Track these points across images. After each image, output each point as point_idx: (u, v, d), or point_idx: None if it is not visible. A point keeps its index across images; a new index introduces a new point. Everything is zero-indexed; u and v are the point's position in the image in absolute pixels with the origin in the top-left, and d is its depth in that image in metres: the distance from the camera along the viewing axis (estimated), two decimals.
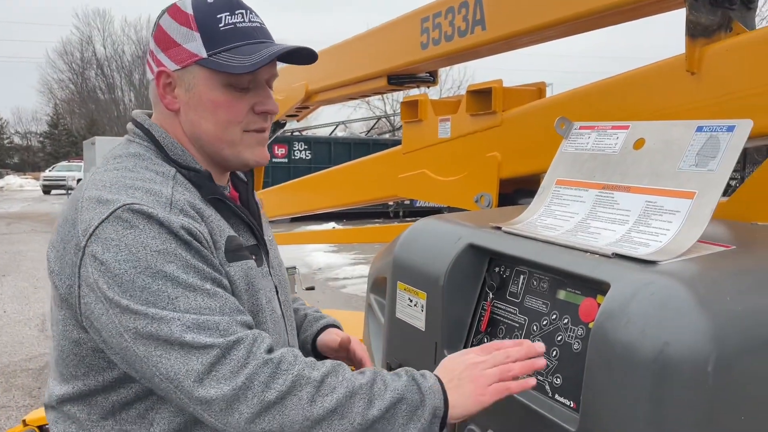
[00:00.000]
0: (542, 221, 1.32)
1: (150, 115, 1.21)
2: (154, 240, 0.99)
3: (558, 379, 1.10)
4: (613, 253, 1.05)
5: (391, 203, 11.57)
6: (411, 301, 1.43)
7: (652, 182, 1.17)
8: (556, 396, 1.10)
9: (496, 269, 1.32)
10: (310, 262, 8.61)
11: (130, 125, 1.20)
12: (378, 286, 1.76)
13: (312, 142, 13.98)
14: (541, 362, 1.04)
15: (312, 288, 4.60)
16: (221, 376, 0.96)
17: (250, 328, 1.04)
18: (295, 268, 4.54)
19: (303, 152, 13.70)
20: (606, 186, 1.25)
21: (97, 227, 1.00)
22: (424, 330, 1.38)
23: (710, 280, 0.94)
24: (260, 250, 1.21)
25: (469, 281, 1.34)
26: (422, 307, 1.39)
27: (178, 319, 0.97)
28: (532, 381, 1.03)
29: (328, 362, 1.04)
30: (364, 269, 8.39)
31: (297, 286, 4.56)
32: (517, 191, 2.04)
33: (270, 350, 1.02)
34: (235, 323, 1.01)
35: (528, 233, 1.26)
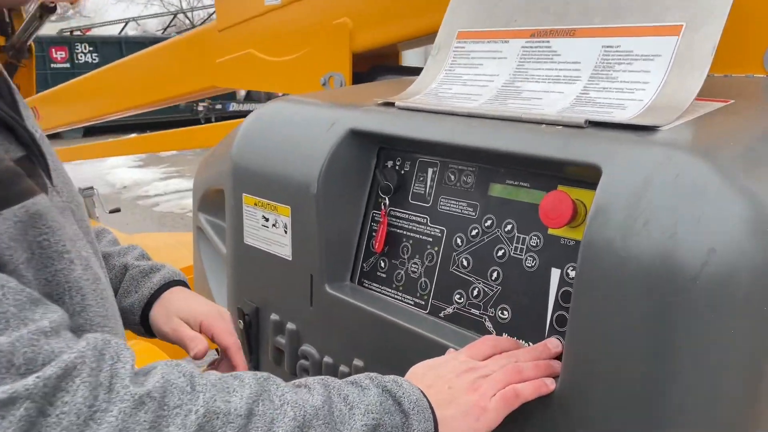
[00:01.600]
0: (447, 90, 0.94)
1: None
2: None
3: (504, 312, 0.77)
4: (586, 121, 0.70)
5: (200, 108, 10.49)
6: (267, 220, 1.00)
7: (607, 19, 0.82)
8: (505, 336, 0.76)
9: (390, 163, 0.93)
10: (113, 180, 7.54)
11: None
12: (209, 202, 1.29)
13: (99, 43, 12.08)
14: (558, 365, 0.67)
15: (117, 210, 3.90)
16: None
17: (71, 330, 0.55)
18: (92, 188, 3.79)
19: (88, 55, 11.80)
20: (536, 32, 0.89)
21: None
22: (290, 259, 0.97)
23: (743, 149, 0.63)
24: (36, 166, 0.61)
25: (353, 184, 0.93)
26: (286, 226, 0.97)
27: None
28: (551, 383, 0.66)
29: (249, 377, 0.59)
30: (179, 183, 7.59)
31: (98, 210, 3.84)
32: (376, 68, 1.63)
33: (137, 372, 0.54)
34: (43, 335, 0.51)
35: (435, 107, 0.87)
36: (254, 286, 1.05)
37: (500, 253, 0.78)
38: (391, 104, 0.91)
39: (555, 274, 0.72)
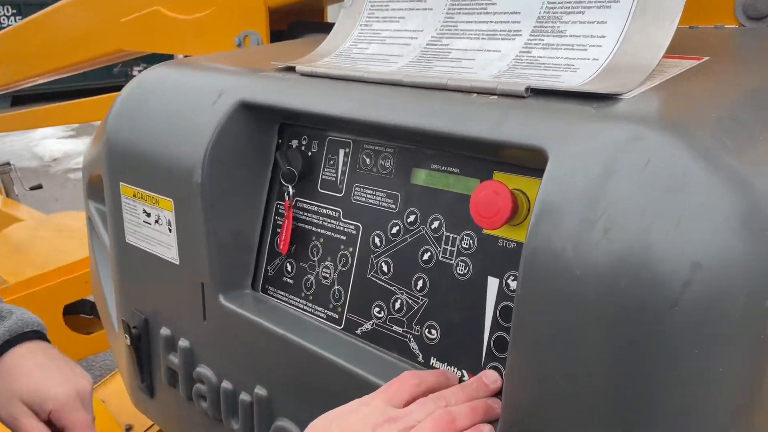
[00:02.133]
0: (362, 51, 0.76)
1: None
2: None
3: (432, 331, 0.61)
4: (527, 89, 0.54)
5: (134, 73, 9.91)
6: (149, 215, 0.81)
7: None
8: (433, 360, 0.61)
9: (294, 142, 0.75)
10: (41, 152, 7.07)
11: None
12: (96, 188, 1.09)
13: (22, 5, 11.29)
14: (499, 405, 0.53)
15: (39, 187, 3.58)
16: None
17: None
18: (9, 164, 3.48)
19: (12, 18, 11.04)
20: None
21: None
22: (178, 263, 0.79)
23: (728, 122, 0.48)
24: None
25: (249, 170, 0.75)
26: (169, 223, 0.79)
27: None
28: (486, 430, 0.51)
29: None
30: None
31: (18, 188, 3.54)
32: (297, 25, 1.43)
33: None
34: None
35: (344, 72, 0.69)
36: (140, 295, 0.88)
37: (426, 256, 0.62)
38: (292, 69, 0.74)
39: (492, 284, 0.57)
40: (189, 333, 0.81)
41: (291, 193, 0.74)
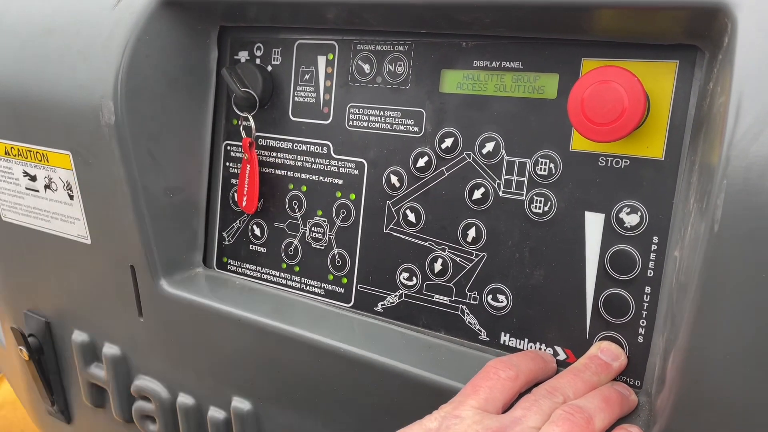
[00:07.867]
0: None
1: None
2: None
3: (499, 297, 0.44)
4: None
5: None
6: (33, 178, 0.57)
7: None
8: (505, 337, 0.44)
9: (245, 54, 0.53)
10: None
11: None
12: None
13: None
14: (630, 392, 0.39)
15: None
16: None
17: None
18: None
19: None
20: None
21: None
22: (89, 242, 0.55)
23: None
24: None
25: (181, 100, 0.52)
26: (68, 188, 0.55)
27: None
28: (635, 430, 0.36)
29: None
30: None
31: None
32: None
33: None
34: None
35: None
36: (36, 290, 0.63)
37: (478, 193, 0.44)
38: None
39: (594, 222, 0.40)
40: (117, 335, 0.58)
41: (251, 126, 0.52)
